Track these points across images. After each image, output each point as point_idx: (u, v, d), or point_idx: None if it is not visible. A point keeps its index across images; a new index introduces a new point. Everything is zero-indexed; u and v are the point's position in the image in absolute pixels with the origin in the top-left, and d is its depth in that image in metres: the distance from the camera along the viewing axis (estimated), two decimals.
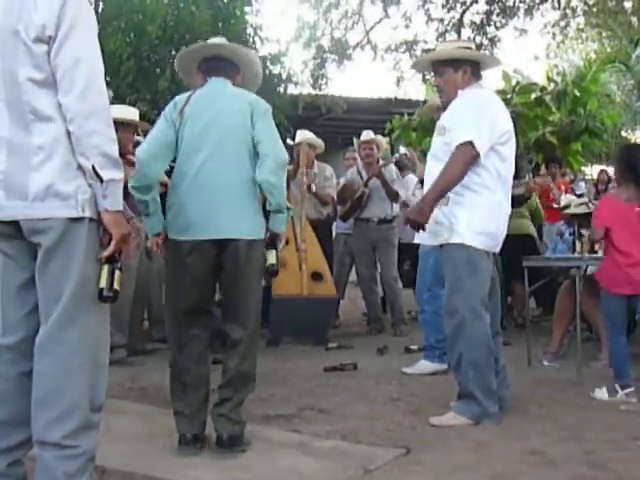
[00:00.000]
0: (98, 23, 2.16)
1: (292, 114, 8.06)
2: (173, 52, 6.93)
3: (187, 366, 2.89)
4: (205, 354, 2.96)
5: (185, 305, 2.90)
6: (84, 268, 2.07)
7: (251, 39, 7.66)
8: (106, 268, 2.11)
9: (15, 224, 2.09)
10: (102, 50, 2.14)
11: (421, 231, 3.44)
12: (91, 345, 2.10)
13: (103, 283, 2.09)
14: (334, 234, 6.57)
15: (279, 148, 2.94)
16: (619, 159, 4.07)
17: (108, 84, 2.67)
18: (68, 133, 2.05)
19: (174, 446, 2.86)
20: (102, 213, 2.08)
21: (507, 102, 6.89)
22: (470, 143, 3.20)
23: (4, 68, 2.06)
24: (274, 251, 2.97)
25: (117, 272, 2.13)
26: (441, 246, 3.39)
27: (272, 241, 2.98)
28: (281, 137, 3.04)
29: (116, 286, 2.12)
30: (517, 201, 5.35)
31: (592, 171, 14.23)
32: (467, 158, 3.22)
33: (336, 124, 11.78)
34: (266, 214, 2.97)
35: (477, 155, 3.23)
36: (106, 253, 2.10)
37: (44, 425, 2.04)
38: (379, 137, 6.42)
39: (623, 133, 15.20)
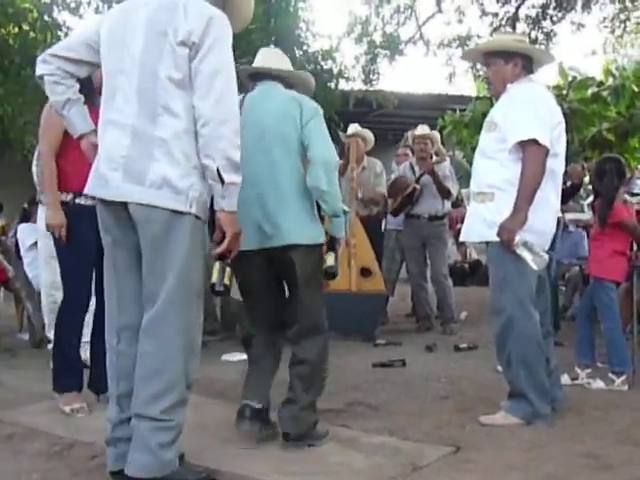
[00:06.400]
0: None
1: (343, 110, 8.05)
2: None
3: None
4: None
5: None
6: (187, 260, 2.23)
7: (303, 34, 7.69)
8: (218, 265, 2.27)
9: (124, 210, 2.25)
10: None
11: (468, 229, 3.39)
12: (190, 329, 2.28)
13: (215, 278, 2.27)
14: (384, 230, 6.54)
15: (327, 149, 2.84)
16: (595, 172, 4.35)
17: None
18: (187, 131, 2.22)
19: (224, 436, 2.89)
20: (218, 212, 2.25)
21: (562, 98, 6.73)
22: (534, 141, 3.11)
23: (143, 62, 2.25)
24: (333, 254, 2.93)
25: (227, 269, 2.29)
26: (487, 243, 3.34)
27: (331, 244, 2.95)
28: (331, 133, 3.00)
29: (226, 281, 2.28)
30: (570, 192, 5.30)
31: None
32: (540, 156, 3.13)
33: (387, 120, 11.71)
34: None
35: (547, 150, 3.15)
36: (220, 250, 2.27)
37: (144, 400, 2.24)
38: (434, 132, 6.34)
39: None
